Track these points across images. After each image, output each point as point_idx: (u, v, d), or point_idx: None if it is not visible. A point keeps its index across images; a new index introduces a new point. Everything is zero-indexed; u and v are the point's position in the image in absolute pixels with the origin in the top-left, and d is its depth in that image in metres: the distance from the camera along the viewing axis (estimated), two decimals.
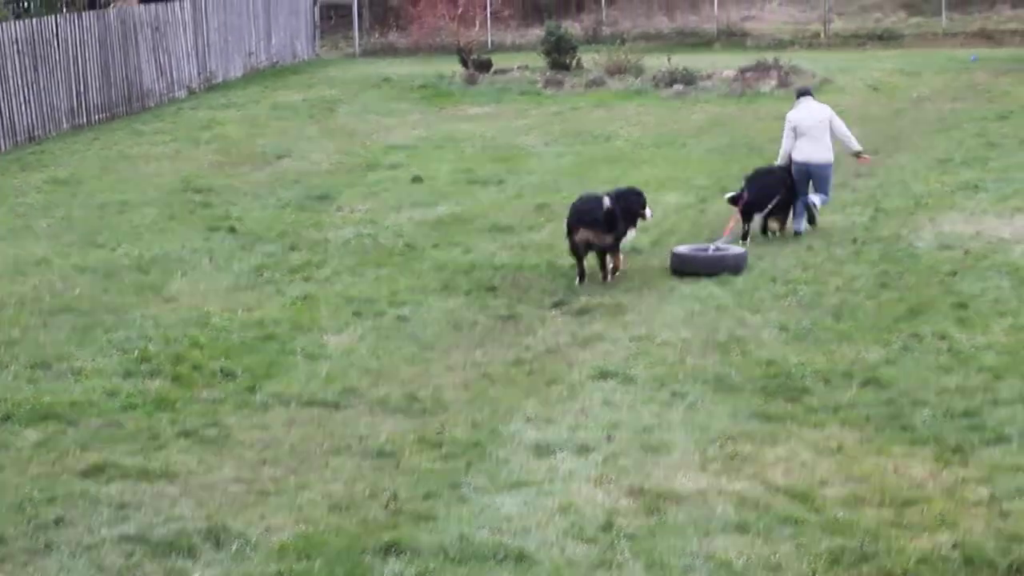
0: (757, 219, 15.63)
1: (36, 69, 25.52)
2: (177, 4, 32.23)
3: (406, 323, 12.52)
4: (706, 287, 13.35)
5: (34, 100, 25.41)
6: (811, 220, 15.94)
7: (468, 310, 12.92)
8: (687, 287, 13.37)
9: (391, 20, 47.57)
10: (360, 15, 46.28)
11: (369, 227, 16.79)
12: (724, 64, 33.41)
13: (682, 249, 14.37)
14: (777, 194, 15.59)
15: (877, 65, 33.84)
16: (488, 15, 43.42)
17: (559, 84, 31.64)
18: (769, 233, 15.73)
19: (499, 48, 41.87)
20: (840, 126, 16.26)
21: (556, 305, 12.99)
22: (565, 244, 13.98)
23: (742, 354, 11.23)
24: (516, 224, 16.74)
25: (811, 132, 15.94)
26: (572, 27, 40.09)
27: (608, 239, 13.61)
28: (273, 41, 39.00)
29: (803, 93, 16.87)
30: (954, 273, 13.55)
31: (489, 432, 9.62)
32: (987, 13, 43.93)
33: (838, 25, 44.28)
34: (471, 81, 32.77)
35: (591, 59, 33.88)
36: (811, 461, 8.93)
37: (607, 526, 8.05)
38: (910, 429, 9.41)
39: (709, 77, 31.24)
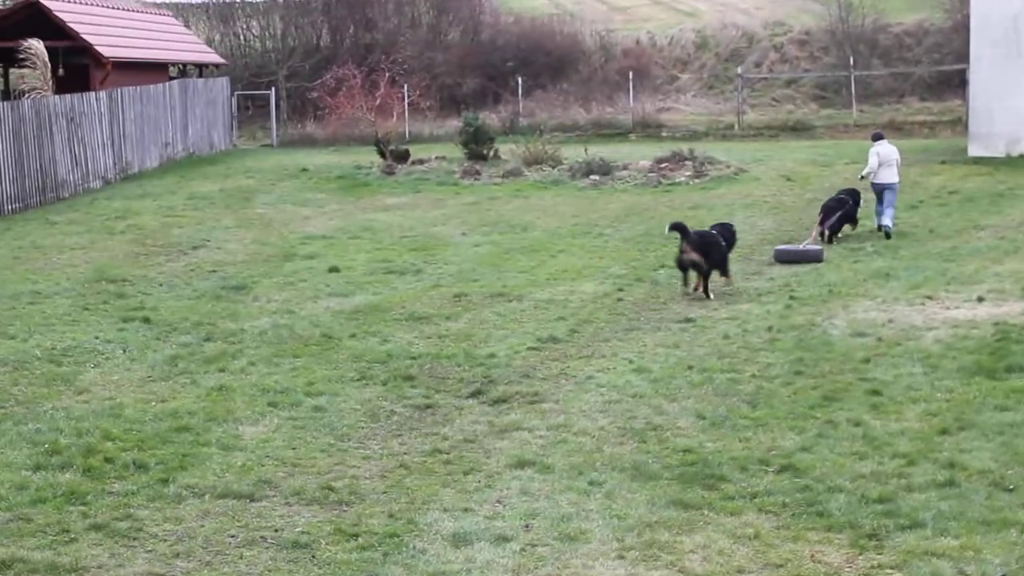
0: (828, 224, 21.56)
1: None
2: (93, 95, 32.13)
3: (322, 413, 12.43)
4: (623, 375, 13.39)
5: None
6: (887, 236, 21.74)
7: (385, 400, 12.86)
8: (604, 376, 13.41)
9: (309, 111, 47.78)
10: (278, 106, 46.39)
11: (286, 317, 16.71)
12: (640, 155, 33.86)
13: (781, 247, 20.48)
14: (839, 211, 21.75)
15: (790, 155, 34.42)
16: (406, 106, 43.68)
17: (477, 175, 31.83)
18: (838, 236, 21.77)
19: (417, 139, 42.14)
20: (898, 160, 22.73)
21: (473, 395, 12.96)
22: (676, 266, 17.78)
23: (659, 442, 11.24)
24: (434, 313, 16.74)
25: (888, 162, 22.27)
26: (490, 118, 40.52)
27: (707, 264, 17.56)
28: (190, 132, 38.96)
29: (878, 137, 23.25)
30: (867, 360, 13.69)
31: (406, 522, 9.55)
32: (896, 105, 45.03)
33: (751, 117, 45.06)
34: (389, 172, 32.90)
35: (509, 150, 34.17)
36: (728, 548, 8.94)
37: None
38: (826, 515, 9.45)
39: (625, 167, 31.59)
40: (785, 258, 20.06)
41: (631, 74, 46.91)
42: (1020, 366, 13.10)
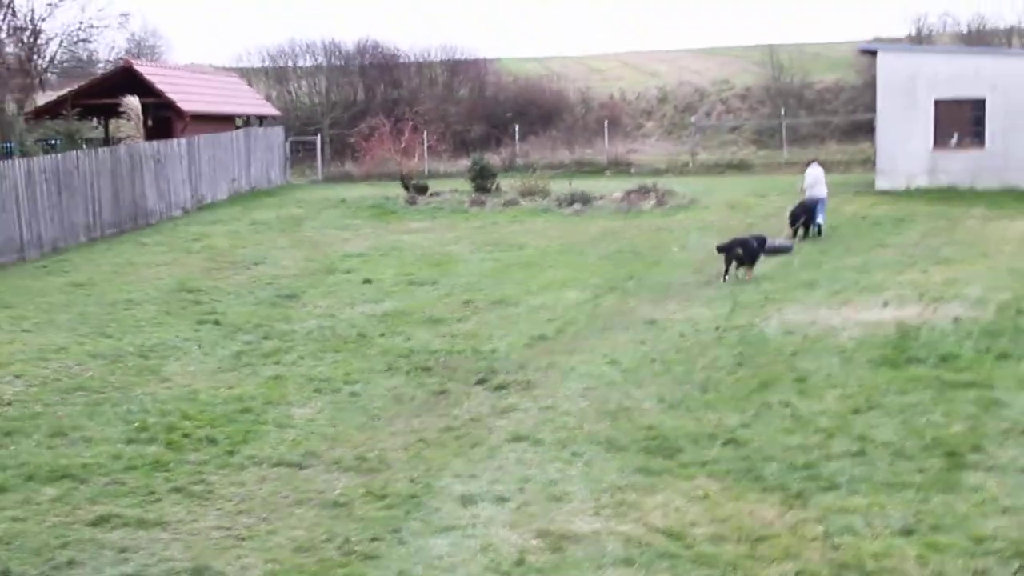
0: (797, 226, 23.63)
1: (60, 193, 25.28)
2: (175, 141, 32.14)
3: (357, 398, 12.42)
4: (599, 367, 13.37)
5: (58, 218, 25.14)
6: (819, 232, 23.96)
7: (408, 387, 12.85)
8: (584, 367, 13.38)
9: (348, 153, 47.77)
10: (323, 149, 46.40)
11: (328, 320, 16.69)
12: (613, 187, 33.81)
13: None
14: (802, 216, 23.87)
15: (734, 188, 34.39)
16: (425, 149, 43.69)
17: (482, 204, 31.82)
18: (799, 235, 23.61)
19: (434, 175, 42.09)
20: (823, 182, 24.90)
21: (479, 382, 12.94)
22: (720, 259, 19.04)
23: (628, 420, 11.23)
24: (447, 317, 16.72)
25: (817, 181, 24.62)
26: (492, 159, 40.48)
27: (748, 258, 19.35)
28: (252, 170, 38.95)
29: (812, 161, 26.46)
30: (795, 354, 13.65)
31: (424, 486, 9.54)
32: (819, 147, 44.96)
33: (702, 156, 45.05)
34: (411, 202, 32.88)
35: (508, 184, 34.17)
36: (683, 507, 8.93)
37: (519, 562, 7.99)
38: (762, 480, 9.44)
39: (602, 198, 31.57)
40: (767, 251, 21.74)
41: (606, 122, 46.90)
42: (918, 358, 13.05)
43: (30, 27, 41.82)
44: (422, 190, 34.65)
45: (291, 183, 42.22)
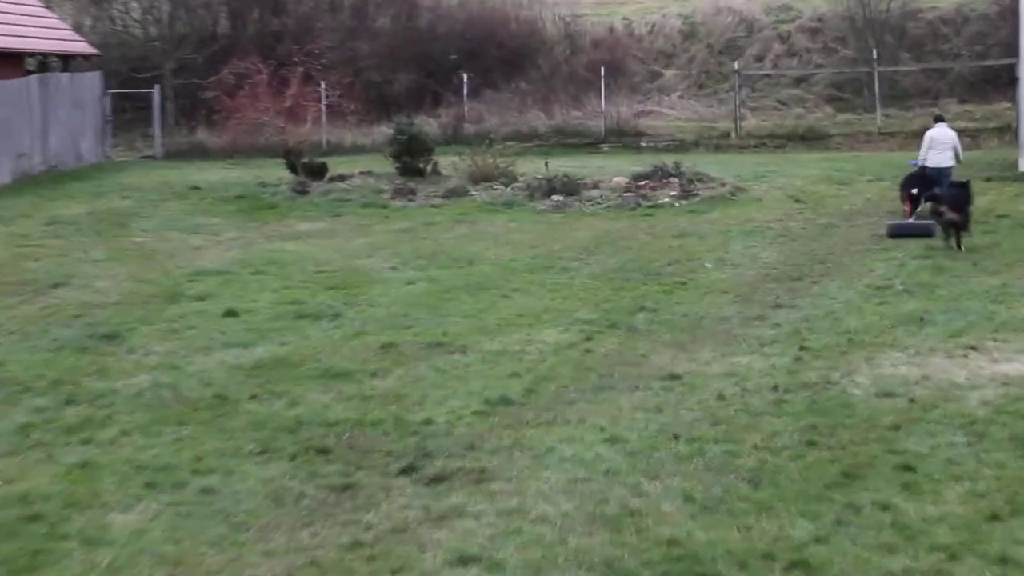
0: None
1: None
2: None
3: (214, 497, 12.24)
4: (592, 447, 13.27)
5: None
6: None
7: (293, 479, 12.69)
8: (569, 448, 13.28)
9: (202, 114, 47.63)
10: (163, 108, 46.21)
11: (168, 374, 16.52)
12: (614, 170, 33.95)
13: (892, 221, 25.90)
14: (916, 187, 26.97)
15: (799, 171, 34.57)
16: (323, 109, 43.63)
17: (411, 194, 31.79)
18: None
19: (337, 150, 42.12)
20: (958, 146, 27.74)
21: (405, 471, 12.80)
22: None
23: (637, 532, 11.12)
24: (356, 369, 16.60)
25: (940, 146, 27.28)
26: (428, 124, 40.65)
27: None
28: (51, 140, 38.76)
29: (938, 119, 28.67)
30: (897, 427, 13.62)
31: None
32: (930, 108, 45.18)
33: (752, 123, 45.34)
34: (301, 190, 32.81)
35: (451, 163, 34.21)
36: None
37: None
38: None
39: (596, 186, 31.65)
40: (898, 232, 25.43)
41: (603, 70, 47.12)
42: None
43: None
44: (318, 172, 34.59)
45: (113, 160, 42.05)
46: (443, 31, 52.85)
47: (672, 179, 31.73)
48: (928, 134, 27.78)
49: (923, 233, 24.89)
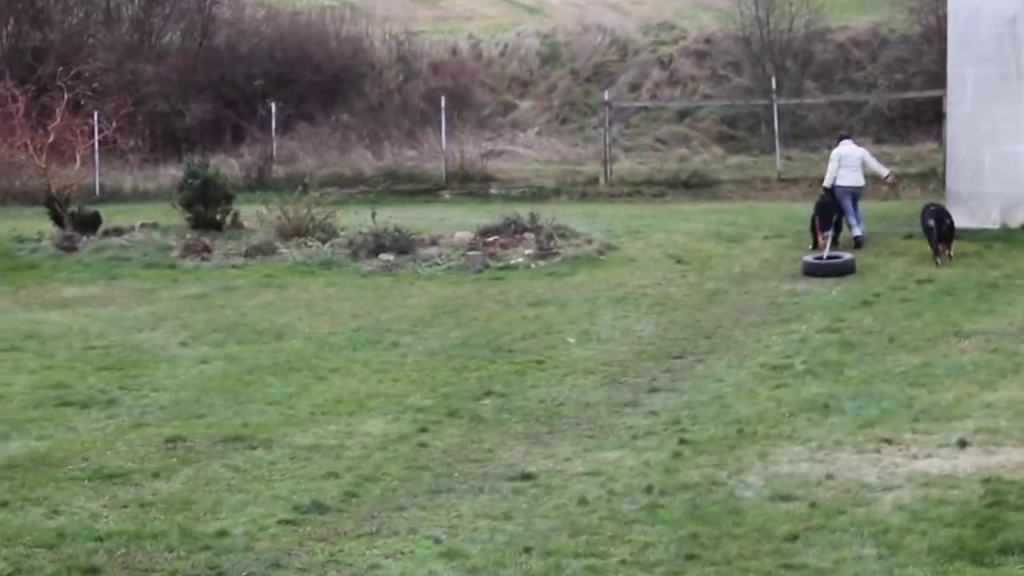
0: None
1: None
2: None
3: None
4: (425, 563, 13.23)
5: None
6: (857, 244, 30.81)
7: None
8: (396, 564, 13.21)
9: None
10: None
11: None
12: (457, 223, 34.08)
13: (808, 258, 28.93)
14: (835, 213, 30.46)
15: (682, 225, 34.83)
16: (95, 146, 43.31)
17: (206, 252, 31.70)
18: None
19: (114, 196, 41.95)
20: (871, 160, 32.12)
21: None
22: None
23: None
24: (134, 468, 16.49)
25: (850, 164, 31.07)
26: (227, 165, 40.50)
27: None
28: None
29: (844, 137, 32.62)
30: (795, 537, 13.70)
31: None
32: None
33: (625, 166, 45.61)
34: (68, 247, 32.58)
35: (256, 214, 34.12)
36: None
37: None
38: None
39: (435, 243, 31.73)
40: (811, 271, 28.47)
41: (444, 100, 47.22)
42: (1021, 544, 13.28)
43: None
44: (89, 224, 34.35)
45: None
46: (246, 51, 52.82)
47: (527, 234, 31.81)
48: (836, 152, 31.53)
49: (842, 271, 28.02)
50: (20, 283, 29.13)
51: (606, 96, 48.02)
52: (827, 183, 31.23)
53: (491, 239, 31.79)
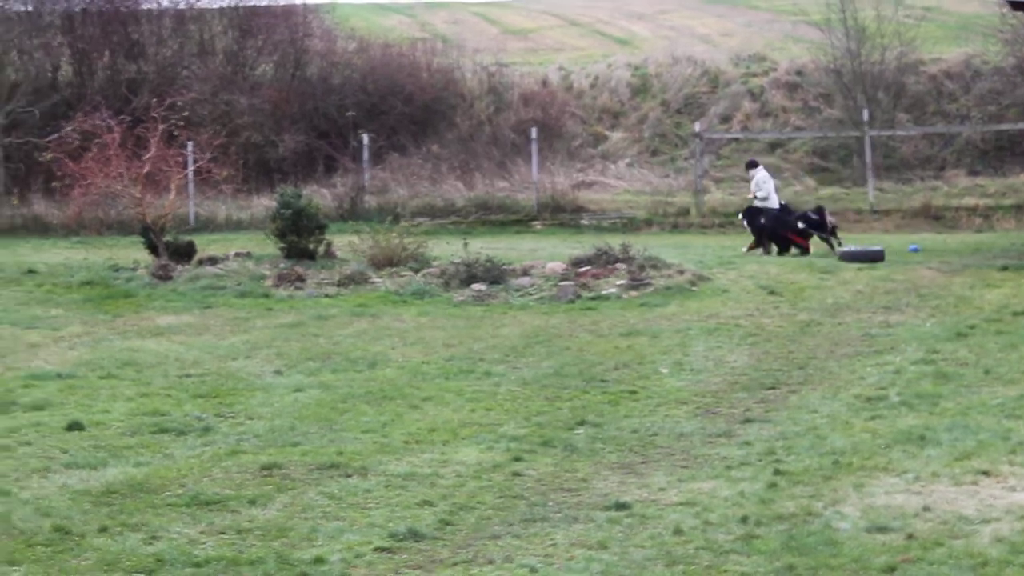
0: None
1: None
2: None
3: None
4: None
5: None
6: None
7: None
8: None
9: (38, 182, 47.43)
10: None
11: None
12: (549, 253, 34.08)
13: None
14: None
15: (774, 257, 34.72)
16: (190, 177, 43.54)
17: (299, 281, 31.79)
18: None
19: (208, 225, 42.14)
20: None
21: None
22: None
23: None
24: (231, 496, 16.53)
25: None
26: (319, 196, 40.64)
27: None
28: None
29: (756, 164, 38.36)
30: (892, 569, 13.63)
31: None
32: (933, 182, 45.63)
33: (716, 197, 45.61)
34: (164, 276, 32.73)
35: (348, 244, 34.23)
36: None
37: None
38: None
39: (526, 272, 31.74)
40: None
41: (535, 131, 47.28)
42: None
43: None
44: (184, 253, 34.54)
45: None
46: (338, 82, 52.98)
47: (619, 265, 31.81)
48: (763, 175, 38.60)
49: (875, 258, 32.23)
50: (116, 311, 29.29)
51: (697, 127, 48.01)
52: (760, 195, 38.15)
53: (583, 269, 31.80)
